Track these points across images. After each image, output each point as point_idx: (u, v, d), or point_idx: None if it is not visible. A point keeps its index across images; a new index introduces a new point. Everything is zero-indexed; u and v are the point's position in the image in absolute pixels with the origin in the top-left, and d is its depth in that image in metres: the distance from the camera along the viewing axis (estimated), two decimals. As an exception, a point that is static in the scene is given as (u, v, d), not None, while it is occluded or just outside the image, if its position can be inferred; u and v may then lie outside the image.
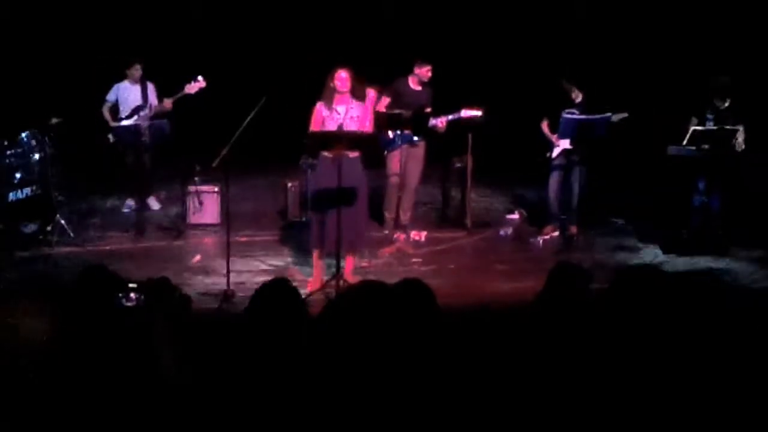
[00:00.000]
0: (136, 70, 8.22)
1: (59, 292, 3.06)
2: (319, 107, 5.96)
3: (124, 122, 8.03)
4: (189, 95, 7.82)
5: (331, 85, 5.89)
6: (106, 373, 2.53)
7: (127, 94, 8.23)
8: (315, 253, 6.15)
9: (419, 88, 7.41)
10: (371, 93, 6.53)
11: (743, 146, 7.28)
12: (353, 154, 5.92)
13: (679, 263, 6.86)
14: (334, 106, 5.92)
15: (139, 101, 8.17)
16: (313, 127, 5.96)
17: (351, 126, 5.91)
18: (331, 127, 5.88)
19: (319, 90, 6.00)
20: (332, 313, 2.41)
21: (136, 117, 8.08)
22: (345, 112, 5.93)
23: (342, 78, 5.88)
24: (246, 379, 2.38)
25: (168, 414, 2.43)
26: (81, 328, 2.70)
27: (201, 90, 7.78)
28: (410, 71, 7.39)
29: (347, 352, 2.25)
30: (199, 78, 7.76)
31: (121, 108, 8.21)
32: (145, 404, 2.46)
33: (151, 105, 8.14)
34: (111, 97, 8.26)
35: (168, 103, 7.99)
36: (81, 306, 2.87)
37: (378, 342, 2.26)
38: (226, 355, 2.53)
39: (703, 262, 6.91)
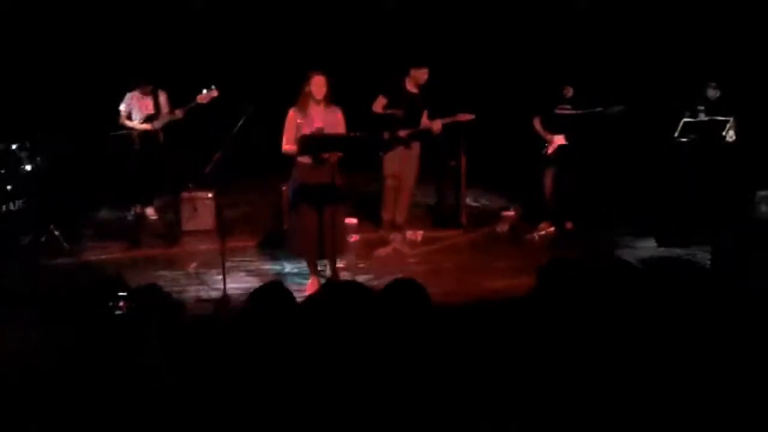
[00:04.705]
0: (147, 84, 8.15)
1: (55, 302, 3.04)
2: (293, 114, 5.90)
3: (138, 128, 8.02)
4: (201, 105, 7.65)
5: (307, 90, 5.85)
6: (99, 379, 2.52)
7: (139, 104, 8.17)
8: (308, 258, 6.15)
9: (415, 90, 7.34)
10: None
11: (734, 137, 7.32)
12: (333, 158, 5.87)
13: (674, 254, 6.88)
14: (309, 112, 5.88)
15: (150, 111, 8.13)
16: (287, 134, 5.88)
17: (331, 132, 5.86)
18: (308, 132, 5.82)
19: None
20: (305, 316, 2.41)
21: (148, 125, 8.06)
22: (323, 118, 5.89)
23: (318, 83, 5.84)
24: (241, 381, 2.37)
25: (159, 419, 2.42)
26: (80, 337, 2.69)
27: (213, 99, 7.60)
28: (406, 73, 7.35)
29: (322, 352, 2.24)
30: (212, 87, 7.58)
31: (134, 118, 8.19)
32: (136, 408, 2.44)
33: (162, 113, 8.09)
34: (124, 107, 8.21)
35: (179, 112, 7.90)
36: (92, 317, 2.86)
37: (355, 340, 2.25)
38: (220, 359, 2.52)
39: (697, 252, 6.92)
